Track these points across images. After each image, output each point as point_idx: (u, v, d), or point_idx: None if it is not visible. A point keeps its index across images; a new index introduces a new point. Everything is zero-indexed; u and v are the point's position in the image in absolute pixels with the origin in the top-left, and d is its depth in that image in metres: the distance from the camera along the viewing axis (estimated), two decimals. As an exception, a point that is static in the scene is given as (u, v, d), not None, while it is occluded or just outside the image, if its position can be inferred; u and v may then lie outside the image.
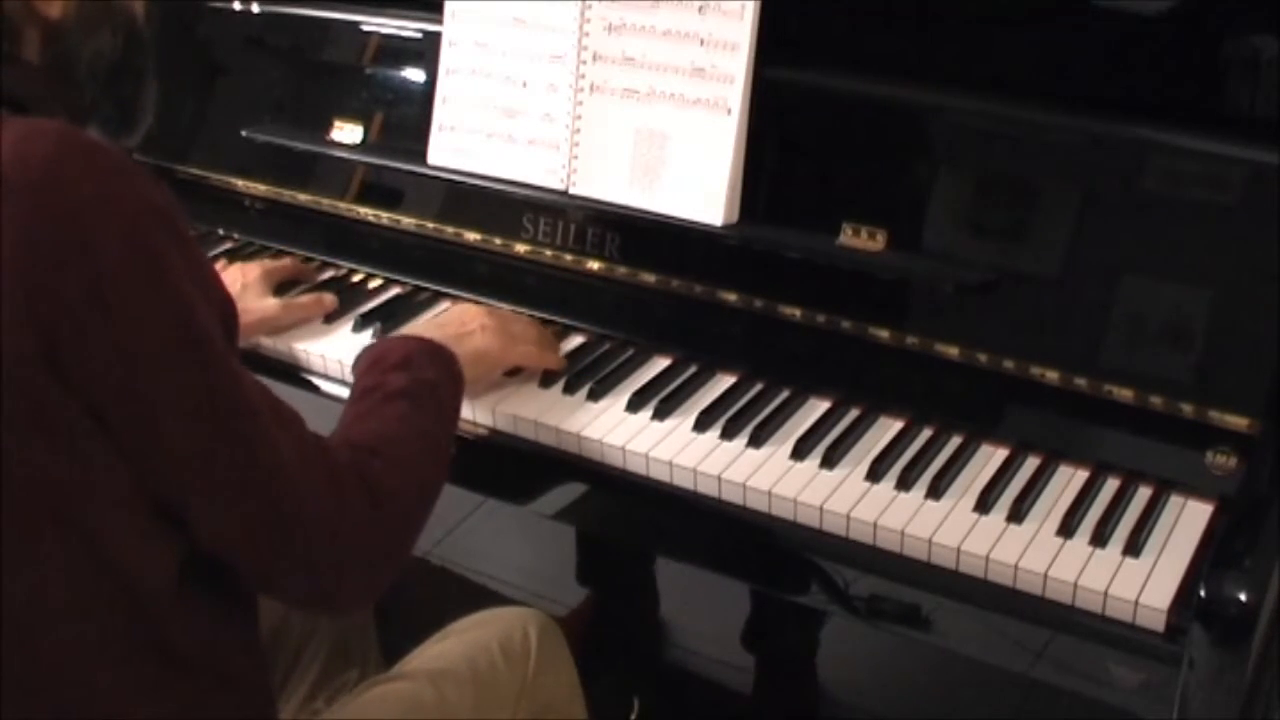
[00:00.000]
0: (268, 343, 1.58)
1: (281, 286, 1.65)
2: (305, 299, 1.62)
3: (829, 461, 1.30)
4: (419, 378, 1.21)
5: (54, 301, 0.89)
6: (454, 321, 1.41)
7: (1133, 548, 1.17)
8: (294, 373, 1.57)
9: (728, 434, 1.35)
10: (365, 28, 1.73)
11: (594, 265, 1.55)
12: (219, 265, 1.67)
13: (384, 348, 1.27)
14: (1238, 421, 1.22)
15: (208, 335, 0.96)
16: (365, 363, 1.25)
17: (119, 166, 0.93)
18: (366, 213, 1.72)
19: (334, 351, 1.54)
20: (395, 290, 1.68)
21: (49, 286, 0.89)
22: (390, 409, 1.17)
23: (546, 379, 1.45)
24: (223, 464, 0.97)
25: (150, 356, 0.92)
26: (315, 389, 1.55)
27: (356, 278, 1.72)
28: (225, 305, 1.02)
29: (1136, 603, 1.12)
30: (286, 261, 1.72)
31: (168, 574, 0.99)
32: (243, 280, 1.60)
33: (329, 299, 1.62)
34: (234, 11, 1.83)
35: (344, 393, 1.49)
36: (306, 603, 1.11)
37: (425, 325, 1.40)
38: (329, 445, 1.07)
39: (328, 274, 1.73)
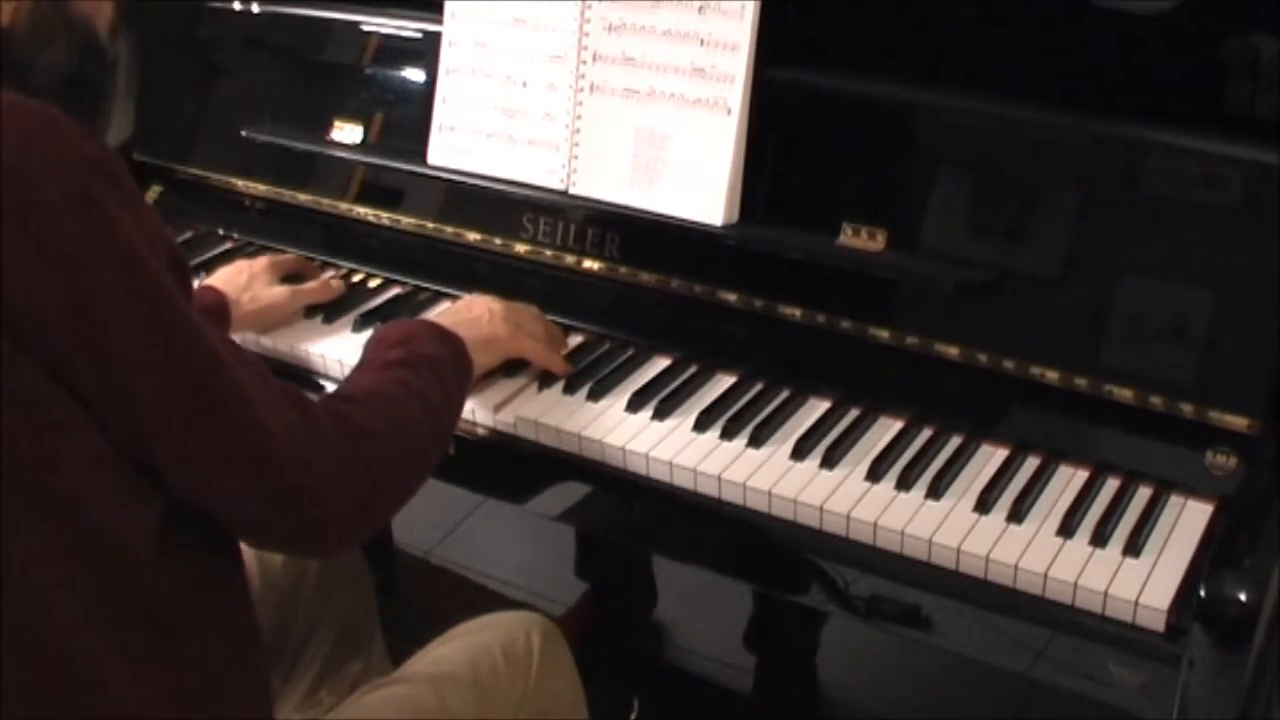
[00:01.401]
0: (267, 342, 1.58)
1: (286, 280, 1.65)
2: (313, 284, 1.63)
3: (829, 461, 1.30)
4: (417, 351, 1.23)
5: (4, 259, 0.89)
6: (463, 308, 1.43)
7: (1133, 548, 1.17)
8: (294, 372, 1.57)
9: (728, 434, 1.35)
10: (365, 28, 1.73)
11: (594, 265, 1.55)
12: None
13: (387, 329, 1.30)
14: (1238, 421, 1.22)
15: (157, 280, 0.96)
16: (372, 341, 1.27)
17: (53, 123, 0.94)
18: (366, 213, 1.72)
19: (334, 351, 1.54)
20: (395, 290, 1.68)
21: None
22: (382, 374, 1.19)
23: (546, 379, 1.45)
24: (187, 404, 0.97)
25: (102, 305, 0.93)
26: (318, 388, 1.55)
27: (356, 278, 1.72)
28: (174, 253, 1.02)
29: (1136, 603, 1.12)
30: (291, 257, 1.72)
31: (149, 538, 0.99)
32: (250, 271, 1.61)
33: (336, 283, 1.64)
34: (234, 11, 1.83)
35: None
36: (293, 541, 1.10)
37: (435, 314, 1.42)
38: (300, 392, 1.08)
39: (329, 274, 1.72)
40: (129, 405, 0.95)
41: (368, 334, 1.56)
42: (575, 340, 1.54)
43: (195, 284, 1.53)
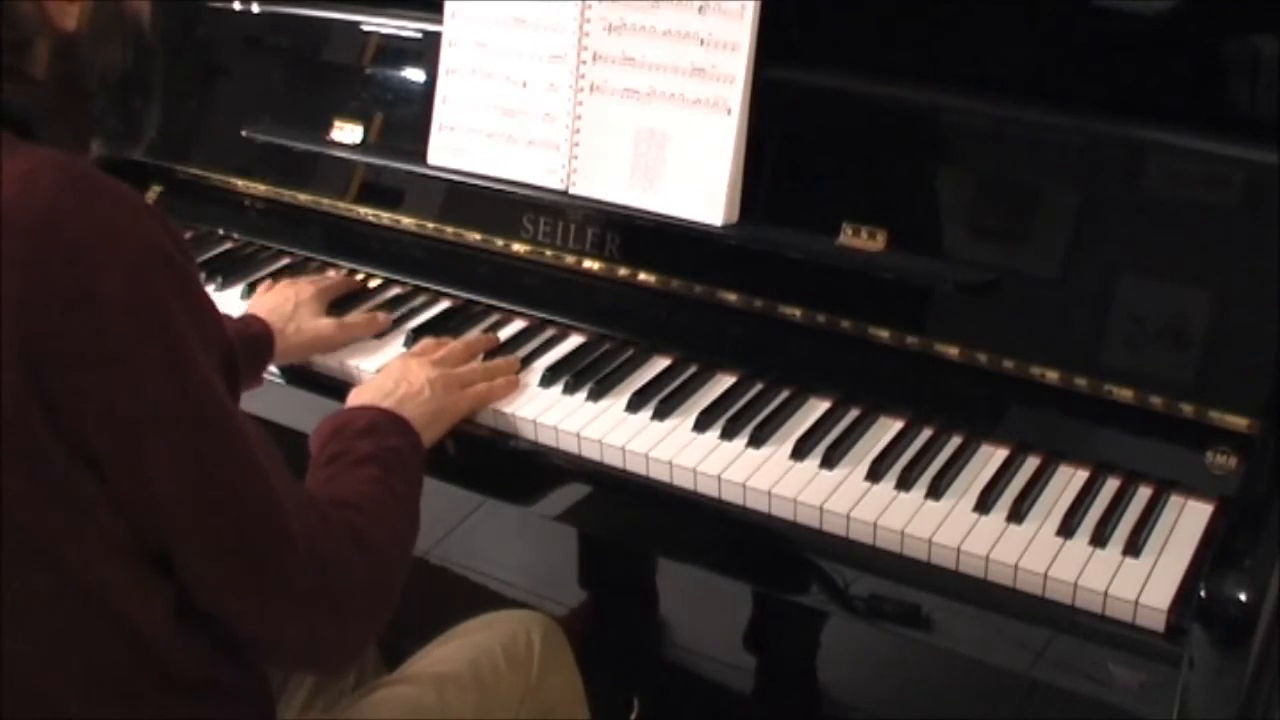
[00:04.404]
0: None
1: (335, 304, 1.62)
2: (359, 318, 1.58)
3: (829, 461, 1.30)
4: (385, 444, 1.21)
5: (50, 344, 0.88)
6: (403, 382, 1.35)
7: (1133, 548, 1.17)
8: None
9: (728, 434, 1.35)
10: (365, 28, 1.73)
11: (594, 265, 1.55)
12: (265, 286, 1.64)
13: (346, 417, 1.26)
14: (1238, 421, 1.22)
15: (206, 386, 0.95)
16: (327, 431, 1.23)
17: (123, 208, 0.92)
18: (366, 213, 1.72)
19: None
20: (395, 290, 1.68)
21: (46, 329, 0.88)
22: (361, 472, 1.16)
23: (547, 378, 1.45)
24: (216, 516, 0.96)
25: (145, 405, 0.92)
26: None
27: (356, 278, 1.71)
28: (225, 350, 1.01)
29: (1136, 603, 1.12)
30: (339, 278, 1.68)
31: (166, 613, 0.99)
32: (296, 299, 1.56)
33: (383, 317, 1.59)
34: (234, 11, 1.83)
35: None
36: (300, 655, 1.09)
37: (374, 388, 1.35)
38: (316, 499, 1.06)
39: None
40: (155, 503, 0.94)
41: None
42: (575, 340, 1.54)
43: (240, 312, 1.52)
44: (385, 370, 1.41)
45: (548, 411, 1.40)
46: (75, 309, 0.89)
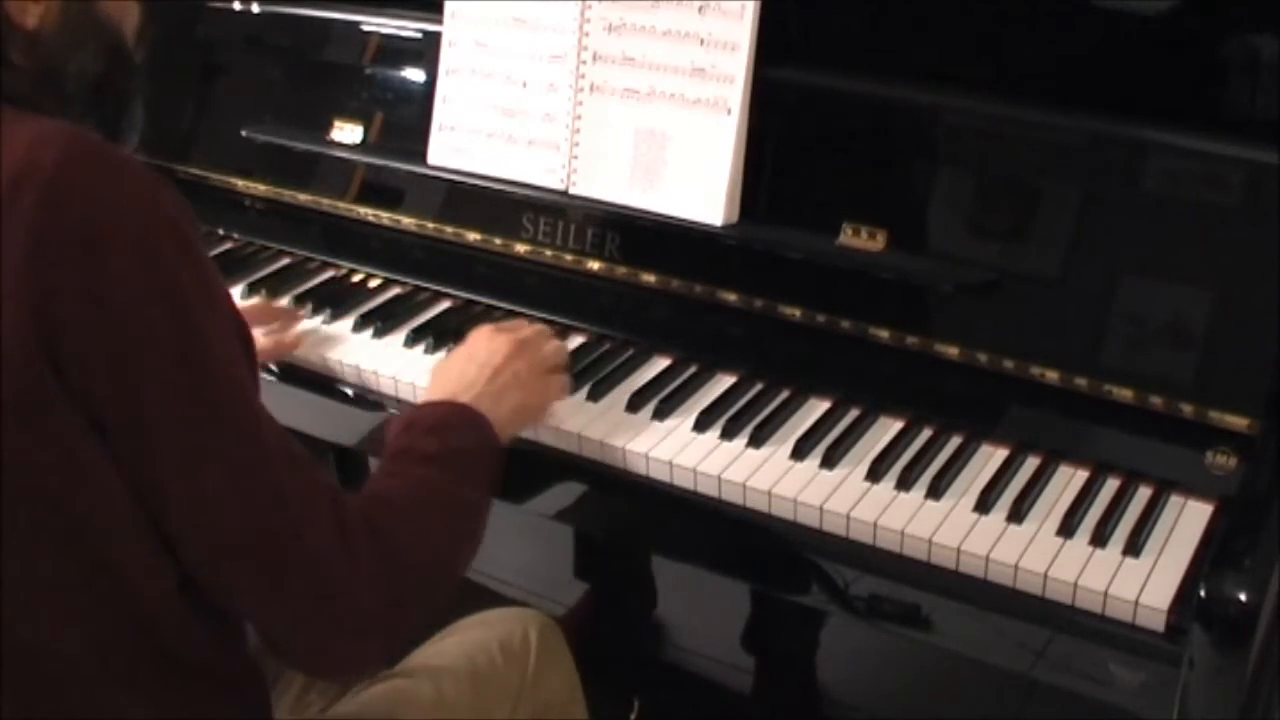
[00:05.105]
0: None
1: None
2: (265, 342, 1.50)
3: (829, 461, 1.30)
4: (451, 445, 1.16)
5: (59, 307, 0.89)
6: (488, 367, 1.28)
7: (1133, 548, 1.17)
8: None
9: (728, 434, 1.35)
10: (365, 28, 1.73)
11: (594, 265, 1.55)
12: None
13: (421, 411, 1.22)
14: (1238, 421, 1.22)
15: (212, 353, 0.94)
16: (400, 425, 1.20)
17: (131, 173, 0.93)
18: (366, 213, 1.72)
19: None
20: (395, 290, 1.68)
21: (54, 292, 0.88)
22: (417, 471, 1.12)
23: (546, 379, 1.45)
24: (217, 489, 0.95)
25: (150, 370, 0.92)
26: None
27: (356, 278, 1.72)
28: (239, 322, 1.00)
29: (1136, 603, 1.12)
30: (250, 304, 1.63)
31: (168, 587, 0.99)
32: None
33: (290, 339, 1.54)
34: (234, 11, 1.83)
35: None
36: (302, 657, 1.06)
37: (457, 376, 1.28)
38: (340, 493, 1.03)
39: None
40: (156, 471, 0.93)
41: (367, 334, 1.56)
42: (575, 340, 1.54)
43: None
44: (469, 352, 1.32)
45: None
46: (82, 270, 0.89)
